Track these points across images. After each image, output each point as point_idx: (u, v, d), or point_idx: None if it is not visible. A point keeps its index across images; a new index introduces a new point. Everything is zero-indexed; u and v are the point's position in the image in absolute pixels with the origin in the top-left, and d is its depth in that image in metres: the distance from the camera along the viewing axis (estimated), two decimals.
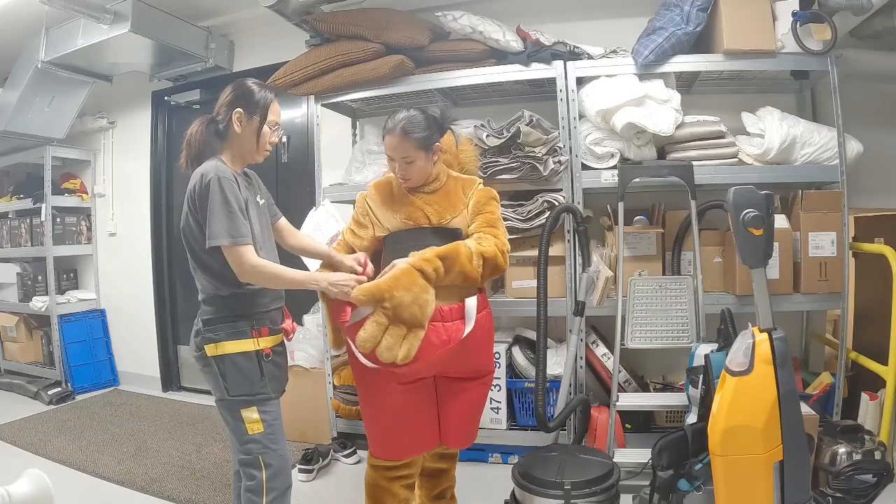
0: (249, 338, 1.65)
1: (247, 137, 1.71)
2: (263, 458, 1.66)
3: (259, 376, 1.66)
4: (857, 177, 2.45)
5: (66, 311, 4.08)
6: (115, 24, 3.08)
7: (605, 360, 2.65)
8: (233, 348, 1.64)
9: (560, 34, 2.66)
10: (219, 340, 1.64)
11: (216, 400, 1.71)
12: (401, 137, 1.79)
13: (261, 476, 1.65)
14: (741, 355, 1.57)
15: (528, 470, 1.91)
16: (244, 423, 1.65)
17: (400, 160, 1.82)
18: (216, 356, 1.65)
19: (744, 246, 1.65)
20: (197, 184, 1.62)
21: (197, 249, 1.67)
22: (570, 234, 2.50)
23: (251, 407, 1.65)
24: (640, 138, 2.46)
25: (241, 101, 1.69)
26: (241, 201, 1.63)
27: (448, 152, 2.05)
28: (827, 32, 2.30)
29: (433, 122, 1.86)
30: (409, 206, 1.88)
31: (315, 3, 2.77)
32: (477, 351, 1.84)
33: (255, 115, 1.69)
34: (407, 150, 1.80)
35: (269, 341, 1.70)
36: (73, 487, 2.52)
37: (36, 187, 4.15)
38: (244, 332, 1.65)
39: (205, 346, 1.66)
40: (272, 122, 1.73)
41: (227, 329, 1.65)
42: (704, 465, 1.75)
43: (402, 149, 1.80)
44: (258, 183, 1.86)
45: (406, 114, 1.83)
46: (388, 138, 1.83)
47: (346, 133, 3.33)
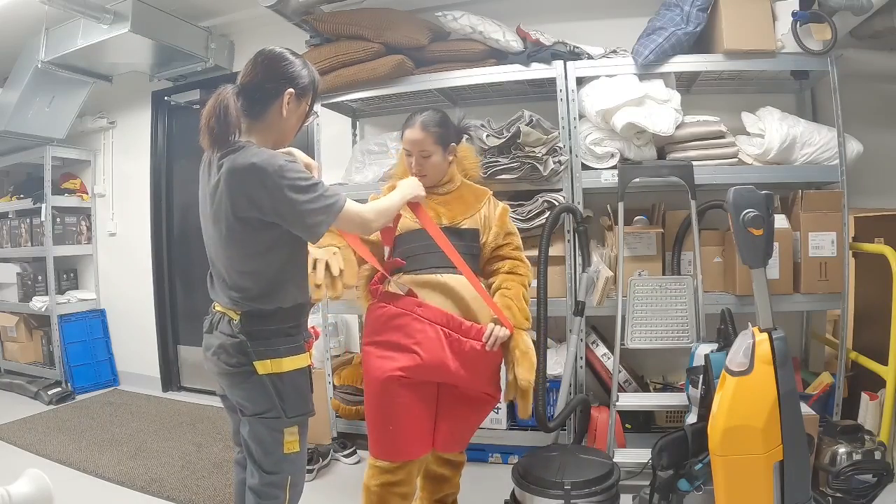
0: (304, 352, 1.51)
1: (291, 124, 1.50)
2: (292, 479, 1.53)
3: (310, 392, 1.54)
4: (857, 177, 2.45)
5: (66, 311, 4.08)
6: (115, 24, 3.08)
7: (605, 360, 2.65)
8: (291, 365, 1.46)
9: (560, 34, 2.66)
10: (277, 356, 1.44)
11: (258, 418, 1.48)
12: (420, 130, 1.83)
13: (284, 497, 1.52)
14: (741, 355, 1.57)
15: (528, 470, 1.92)
16: (283, 443, 1.48)
17: (417, 154, 1.85)
18: (272, 374, 1.44)
19: (744, 246, 1.65)
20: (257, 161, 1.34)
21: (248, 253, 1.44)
22: (570, 234, 2.50)
23: (295, 427, 1.50)
24: (640, 138, 2.46)
25: (292, 81, 1.45)
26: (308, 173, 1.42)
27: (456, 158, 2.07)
28: (827, 32, 2.31)
29: (451, 123, 1.93)
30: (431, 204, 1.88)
31: (315, 3, 2.77)
32: (486, 372, 1.85)
33: (303, 101, 1.49)
34: (425, 144, 1.83)
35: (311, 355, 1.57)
36: (73, 487, 2.52)
37: (36, 187, 4.15)
38: (300, 346, 1.49)
39: (255, 363, 1.43)
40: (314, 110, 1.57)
41: (286, 343, 1.46)
42: (704, 465, 1.75)
43: (421, 142, 1.83)
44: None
45: (424, 110, 1.88)
46: (407, 132, 1.86)
47: (346, 133, 3.33)
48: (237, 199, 1.38)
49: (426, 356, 1.71)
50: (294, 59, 1.49)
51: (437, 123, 1.86)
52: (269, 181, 1.34)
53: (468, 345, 1.75)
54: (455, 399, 1.83)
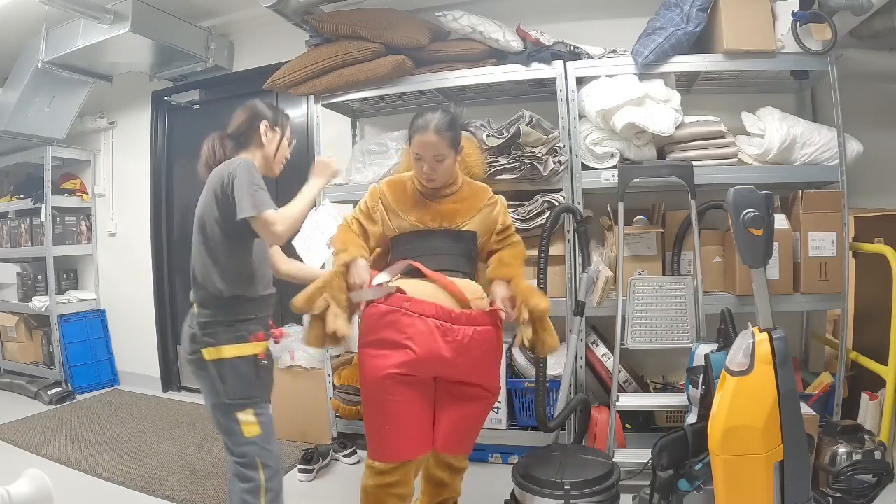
0: (248, 342, 1.68)
1: (270, 148, 1.84)
2: (261, 460, 1.68)
3: (256, 379, 1.68)
4: (857, 177, 2.45)
5: (66, 311, 4.08)
6: (115, 24, 3.08)
7: (605, 360, 2.65)
8: (232, 352, 1.65)
9: (560, 34, 2.66)
10: (217, 344, 1.65)
11: (211, 404, 1.70)
12: (435, 134, 1.78)
13: (258, 477, 1.67)
14: (741, 355, 1.57)
15: (528, 470, 1.91)
16: (240, 426, 1.66)
17: (431, 158, 1.80)
18: (215, 360, 1.65)
19: (744, 246, 1.65)
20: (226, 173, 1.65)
21: (214, 245, 1.68)
22: (570, 234, 2.50)
23: (247, 410, 1.67)
24: (640, 138, 2.46)
25: (263, 115, 1.83)
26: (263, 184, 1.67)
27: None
28: (827, 32, 2.31)
29: (459, 123, 1.90)
30: (422, 210, 1.87)
31: (315, 3, 2.77)
32: (483, 360, 1.81)
33: (276, 128, 1.85)
34: (440, 148, 1.79)
35: (263, 346, 1.73)
36: (73, 487, 2.52)
37: (36, 187, 4.15)
38: (243, 336, 1.68)
39: (202, 350, 1.66)
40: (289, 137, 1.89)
41: (227, 333, 1.66)
42: (704, 465, 1.75)
43: (435, 146, 1.79)
44: None
45: (436, 113, 1.82)
46: (419, 137, 1.80)
47: (346, 133, 3.33)
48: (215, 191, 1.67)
49: (420, 350, 1.69)
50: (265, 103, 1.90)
51: (449, 126, 1.81)
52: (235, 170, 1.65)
53: (461, 332, 1.72)
54: (453, 395, 1.81)
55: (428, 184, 1.86)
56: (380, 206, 1.92)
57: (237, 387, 1.65)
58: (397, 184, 1.94)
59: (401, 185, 1.93)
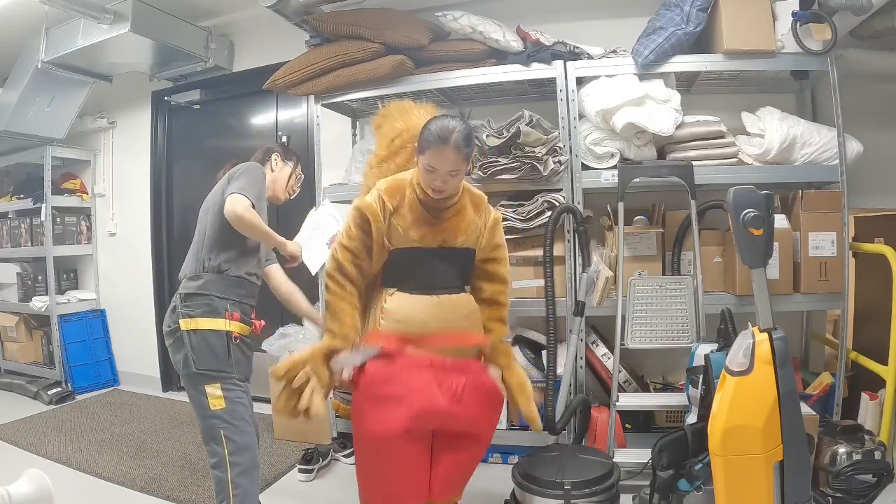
0: (222, 318, 1.82)
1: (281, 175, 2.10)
2: (225, 433, 1.78)
3: (226, 356, 1.80)
4: (857, 177, 2.45)
5: (66, 311, 4.08)
6: (115, 24, 3.08)
7: (605, 360, 2.65)
8: (206, 325, 1.80)
9: (560, 34, 2.66)
10: (194, 316, 1.80)
11: (182, 376, 1.84)
12: (455, 151, 1.66)
13: (222, 451, 1.77)
14: (741, 355, 1.57)
15: (528, 470, 1.92)
16: (207, 398, 1.77)
17: (446, 173, 1.68)
18: (189, 330, 1.80)
19: (744, 246, 1.65)
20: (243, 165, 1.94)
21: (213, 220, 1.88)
22: (570, 234, 2.50)
23: (215, 383, 1.78)
24: (640, 138, 2.46)
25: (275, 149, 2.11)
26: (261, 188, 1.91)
27: None
28: (827, 32, 2.30)
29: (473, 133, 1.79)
30: (423, 226, 1.76)
31: (315, 3, 2.77)
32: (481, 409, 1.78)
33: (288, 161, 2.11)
34: (457, 164, 1.68)
35: (238, 327, 1.85)
36: (73, 487, 2.52)
37: (36, 187, 4.15)
38: (219, 311, 1.82)
39: (180, 321, 1.81)
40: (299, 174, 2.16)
41: (204, 307, 1.81)
42: (704, 465, 1.75)
43: (453, 162, 1.67)
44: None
45: (454, 124, 1.69)
46: (437, 150, 1.66)
47: (346, 133, 3.33)
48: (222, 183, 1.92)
49: (420, 404, 1.65)
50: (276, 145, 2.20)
51: (467, 141, 1.70)
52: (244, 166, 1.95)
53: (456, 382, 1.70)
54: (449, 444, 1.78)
55: (435, 195, 1.73)
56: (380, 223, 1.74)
57: (206, 358, 1.78)
58: (397, 191, 1.78)
59: (400, 191, 1.77)
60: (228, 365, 1.80)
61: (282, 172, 2.10)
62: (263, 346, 3.05)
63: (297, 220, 2.94)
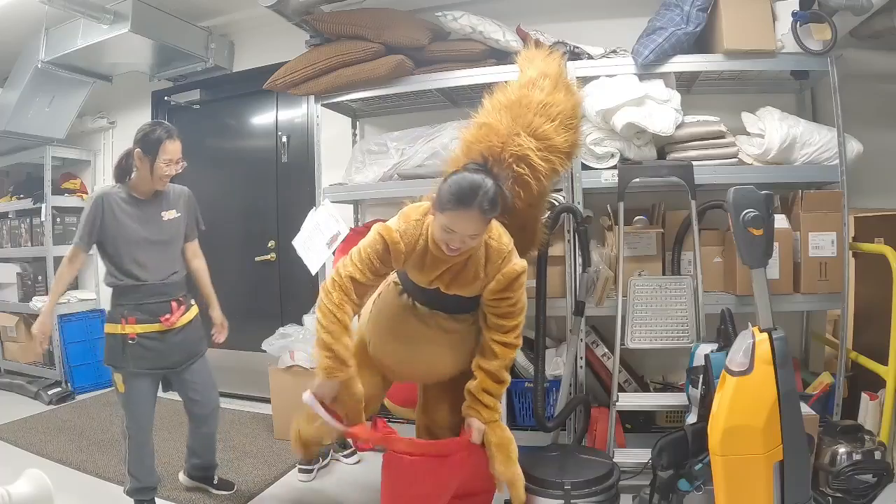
0: (118, 323, 2.15)
1: (143, 174, 2.17)
2: (124, 412, 2.20)
3: (121, 353, 2.14)
4: (857, 177, 2.45)
5: (66, 311, 4.07)
6: (115, 24, 3.08)
7: (605, 360, 2.65)
8: (107, 328, 2.20)
9: (560, 34, 2.66)
10: (105, 321, 2.23)
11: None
12: (480, 215, 1.54)
13: (123, 423, 2.19)
14: (741, 355, 1.57)
15: (528, 470, 1.91)
16: (114, 382, 2.20)
17: (466, 236, 1.57)
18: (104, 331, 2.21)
19: (744, 246, 1.65)
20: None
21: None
22: (570, 234, 2.50)
23: (117, 374, 2.17)
24: (640, 138, 2.46)
25: (135, 148, 2.16)
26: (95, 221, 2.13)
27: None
28: (827, 32, 2.30)
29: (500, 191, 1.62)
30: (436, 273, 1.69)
31: (315, 3, 2.77)
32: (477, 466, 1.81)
33: (147, 154, 2.13)
34: (479, 228, 1.58)
35: (136, 328, 2.14)
36: (73, 487, 2.52)
37: (36, 187, 4.15)
38: (115, 318, 2.17)
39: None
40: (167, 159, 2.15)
41: (110, 313, 2.22)
42: (704, 465, 1.75)
43: (475, 226, 1.56)
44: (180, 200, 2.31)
45: (479, 182, 1.55)
46: (460, 213, 1.53)
47: (346, 133, 3.33)
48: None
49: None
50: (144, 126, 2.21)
51: (493, 203, 1.55)
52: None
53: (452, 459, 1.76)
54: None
55: (450, 254, 1.62)
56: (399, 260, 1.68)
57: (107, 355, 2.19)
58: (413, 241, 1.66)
59: (413, 242, 1.66)
60: (124, 360, 2.14)
61: (144, 169, 2.15)
62: (263, 345, 3.05)
63: (298, 219, 2.94)
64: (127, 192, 2.18)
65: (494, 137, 1.78)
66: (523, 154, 1.78)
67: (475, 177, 1.57)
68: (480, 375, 1.76)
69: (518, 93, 1.83)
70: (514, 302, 1.71)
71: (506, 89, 1.86)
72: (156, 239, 2.21)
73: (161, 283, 2.20)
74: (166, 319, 2.18)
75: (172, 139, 2.15)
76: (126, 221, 2.15)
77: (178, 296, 2.26)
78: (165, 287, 2.22)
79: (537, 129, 1.80)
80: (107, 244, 2.16)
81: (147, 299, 2.18)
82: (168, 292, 2.22)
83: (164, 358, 2.20)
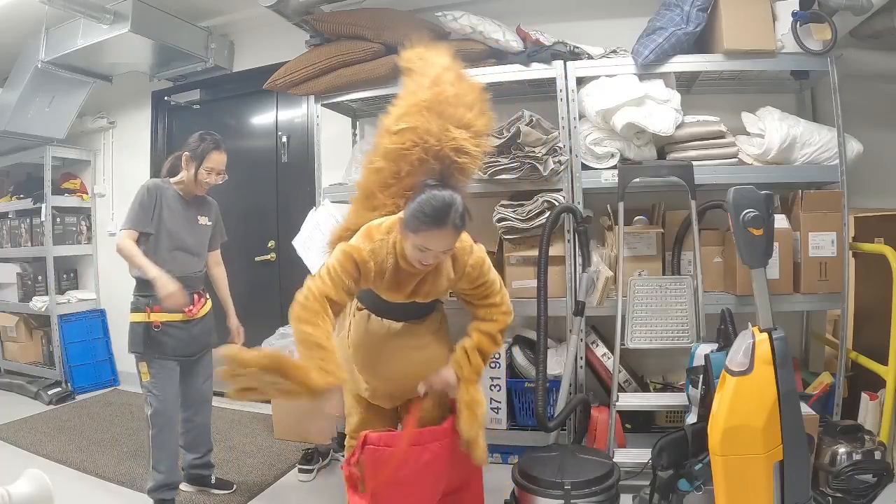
0: (143, 312, 2.21)
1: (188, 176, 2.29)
2: (148, 399, 2.22)
3: (146, 341, 2.20)
4: (857, 177, 2.45)
5: (66, 311, 4.08)
6: (115, 24, 3.08)
7: (605, 360, 2.65)
8: (132, 318, 2.24)
9: (560, 34, 2.66)
10: (130, 310, 2.26)
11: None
12: (453, 231, 1.59)
13: (147, 413, 2.23)
14: (741, 355, 1.57)
15: (528, 470, 1.92)
16: (139, 372, 2.24)
17: (440, 252, 1.62)
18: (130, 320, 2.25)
19: (744, 246, 1.65)
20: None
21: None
22: (570, 234, 2.50)
23: (142, 362, 2.23)
24: (640, 138, 2.46)
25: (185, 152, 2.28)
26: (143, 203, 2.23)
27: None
28: (827, 32, 2.30)
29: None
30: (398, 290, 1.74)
31: (315, 3, 2.77)
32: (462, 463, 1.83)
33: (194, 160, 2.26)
34: (453, 243, 1.64)
35: (161, 317, 2.20)
36: (73, 487, 2.52)
37: (36, 187, 4.15)
38: (140, 307, 2.23)
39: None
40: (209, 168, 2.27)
41: (134, 303, 2.26)
42: (704, 465, 1.75)
43: (450, 242, 1.62)
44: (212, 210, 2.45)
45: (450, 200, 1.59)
46: (433, 232, 1.57)
47: (346, 133, 3.32)
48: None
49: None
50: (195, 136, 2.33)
51: (464, 217, 1.61)
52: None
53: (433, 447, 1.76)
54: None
55: (420, 268, 1.67)
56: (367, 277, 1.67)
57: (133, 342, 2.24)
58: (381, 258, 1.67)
59: (382, 259, 1.67)
60: (149, 349, 2.20)
61: (189, 172, 2.28)
62: (263, 345, 3.05)
63: (298, 219, 2.94)
64: (174, 189, 2.31)
65: (429, 138, 1.83)
66: (460, 146, 1.86)
67: (443, 195, 1.60)
68: (477, 335, 1.81)
69: (431, 92, 1.87)
70: (490, 282, 1.82)
71: (415, 93, 1.90)
72: (191, 238, 2.33)
73: (186, 276, 2.27)
74: (189, 310, 2.26)
75: (219, 150, 2.29)
76: (172, 215, 2.27)
77: (200, 289, 2.38)
78: (190, 280, 2.28)
79: (462, 119, 1.88)
80: (151, 232, 2.23)
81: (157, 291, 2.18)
82: (192, 285, 2.30)
83: (185, 346, 2.28)
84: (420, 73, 1.95)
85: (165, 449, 2.23)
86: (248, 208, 3.79)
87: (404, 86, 2.00)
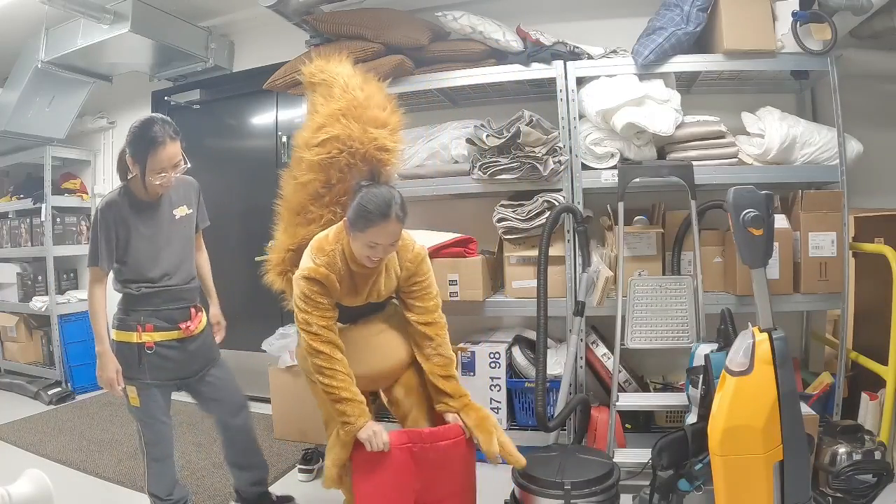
0: (133, 331, 1.95)
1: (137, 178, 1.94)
2: (140, 427, 2.01)
3: (137, 364, 1.94)
4: (857, 177, 2.45)
5: (65, 311, 4.07)
6: (115, 24, 3.08)
7: (605, 360, 2.65)
8: (118, 337, 1.97)
9: (560, 34, 2.66)
10: (113, 327, 1.99)
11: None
12: (397, 221, 1.71)
13: (140, 441, 2.02)
14: (741, 355, 1.57)
15: (528, 470, 1.91)
16: (127, 396, 1.98)
17: (389, 245, 1.74)
18: (112, 339, 1.98)
19: (744, 246, 1.65)
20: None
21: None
22: (570, 234, 2.50)
23: (130, 386, 1.96)
24: (640, 138, 2.46)
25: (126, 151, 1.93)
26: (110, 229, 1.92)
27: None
28: (827, 32, 2.30)
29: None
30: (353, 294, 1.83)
31: (315, 3, 2.77)
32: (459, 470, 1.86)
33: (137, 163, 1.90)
34: (398, 234, 1.75)
35: (154, 336, 1.96)
36: (73, 487, 2.52)
37: (36, 187, 4.15)
38: (130, 325, 1.95)
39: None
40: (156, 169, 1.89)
41: (119, 321, 1.98)
42: (704, 465, 1.75)
43: (396, 233, 1.73)
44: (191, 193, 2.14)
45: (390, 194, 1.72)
46: (381, 227, 1.68)
47: None
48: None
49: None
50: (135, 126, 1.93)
51: (404, 206, 1.73)
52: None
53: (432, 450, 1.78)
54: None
55: (372, 266, 1.77)
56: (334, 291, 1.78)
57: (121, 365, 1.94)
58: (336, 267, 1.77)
59: (336, 267, 1.77)
60: (140, 372, 1.95)
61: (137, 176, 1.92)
62: (263, 345, 3.05)
63: None
64: (131, 194, 1.96)
65: (353, 142, 1.92)
66: (381, 144, 1.96)
67: (380, 191, 1.74)
68: (427, 365, 1.88)
69: (344, 99, 1.97)
70: (427, 283, 1.90)
71: (328, 103, 1.99)
72: (172, 240, 2.03)
73: (180, 287, 2.03)
74: (186, 327, 2.01)
75: (164, 145, 1.86)
76: (139, 228, 1.95)
77: (195, 302, 2.10)
78: (184, 292, 2.04)
79: (378, 119, 1.98)
80: (125, 256, 1.96)
81: (166, 305, 2.00)
82: (188, 297, 2.06)
83: (182, 367, 2.04)
84: (327, 85, 2.04)
85: (161, 477, 2.04)
86: (248, 208, 3.79)
87: (312, 101, 2.10)
